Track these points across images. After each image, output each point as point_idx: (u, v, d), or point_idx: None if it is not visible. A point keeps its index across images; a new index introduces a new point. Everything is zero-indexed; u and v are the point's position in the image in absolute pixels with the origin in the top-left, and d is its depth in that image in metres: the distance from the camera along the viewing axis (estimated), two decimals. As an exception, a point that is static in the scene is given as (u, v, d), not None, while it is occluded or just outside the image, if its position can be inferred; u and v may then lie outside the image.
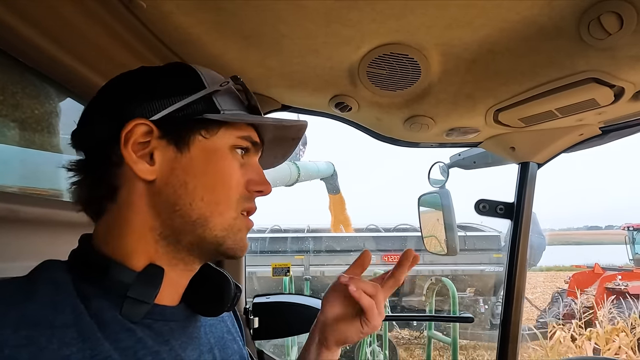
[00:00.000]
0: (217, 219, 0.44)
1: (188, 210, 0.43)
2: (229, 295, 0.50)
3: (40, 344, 0.32)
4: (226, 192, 0.45)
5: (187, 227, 0.43)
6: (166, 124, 0.43)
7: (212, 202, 0.44)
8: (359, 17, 0.62)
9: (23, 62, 0.62)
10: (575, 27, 0.60)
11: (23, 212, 0.57)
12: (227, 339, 0.54)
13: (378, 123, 1.06)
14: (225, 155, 0.45)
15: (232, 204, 0.45)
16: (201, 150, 0.44)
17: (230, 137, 0.46)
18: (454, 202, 1.32)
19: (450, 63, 0.74)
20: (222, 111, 0.45)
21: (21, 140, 0.67)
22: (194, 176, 0.43)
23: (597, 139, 1.04)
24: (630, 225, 9.75)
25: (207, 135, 0.44)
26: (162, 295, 0.44)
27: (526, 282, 1.20)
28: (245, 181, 0.47)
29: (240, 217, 0.47)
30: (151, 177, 0.42)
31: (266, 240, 7.00)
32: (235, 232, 0.46)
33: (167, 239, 0.44)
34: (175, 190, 0.43)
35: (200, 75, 0.46)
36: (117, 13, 0.62)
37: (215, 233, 0.44)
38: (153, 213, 0.43)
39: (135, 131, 0.42)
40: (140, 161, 0.42)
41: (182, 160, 0.43)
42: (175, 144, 0.43)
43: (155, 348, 0.40)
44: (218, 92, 0.46)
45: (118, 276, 0.40)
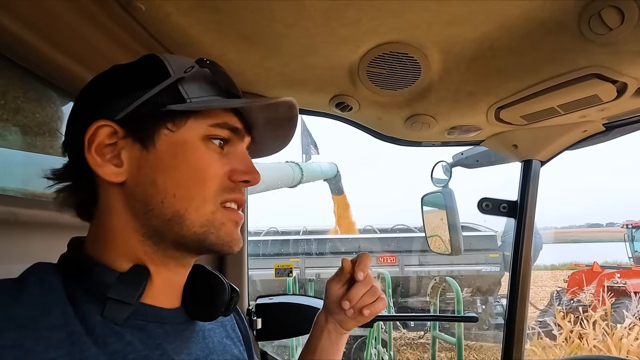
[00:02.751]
0: (193, 214, 0.42)
1: (161, 208, 0.41)
2: (223, 299, 0.49)
3: (25, 347, 0.32)
4: (200, 185, 0.42)
5: (165, 226, 0.42)
6: (130, 122, 0.41)
7: (184, 198, 0.41)
8: (358, 15, 0.62)
9: (23, 66, 0.63)
10: (576, 23, 0.60)
11: (23, 215, 0.57)
12: (227, 344, 0.53)
13: (379, 122, 1.06)
14: (196, 147, 0.42)
15: (208, 197, 0.43)
16: (168, 144, 0.42)
17: (201, 127, 0.43)
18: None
19: (450, 61, 0.73)
20: (189, 100, 0.42)
21: (23, 144, 0.67)
22: (162, 173, 0.41)
23: (600, 135, 1.03)
24: (629, 223, 9.70)
25: (174, 128, 0.42)
26: (157, 296, 0.44)
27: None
28: (227, 171, 0.44)
29: (220, 211, 0.44)
30: (120, 179, 0.41)
31: (261, 243, 7.03)
32: (218, 226, 0.43)
33: (151, 239, 0.42)
34: (146, 189, 0.41)
35: (165, 63, 0.43)
36: (117, 16, 0.63)
37: (194, 230, 0.42)
38: (131, 215, 0.42)
39: (99, 133, 0.41)
40: (105, 164, 0.41)
41: (149, 157, 0.41)
42: (140, 142, 0.41)
43: (145, 352, 0.39)
44: (184, 80, 0.43)
45: (101, 277, 0.39)
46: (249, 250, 1.22)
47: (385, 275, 5.53)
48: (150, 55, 0.45)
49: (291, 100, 0.46)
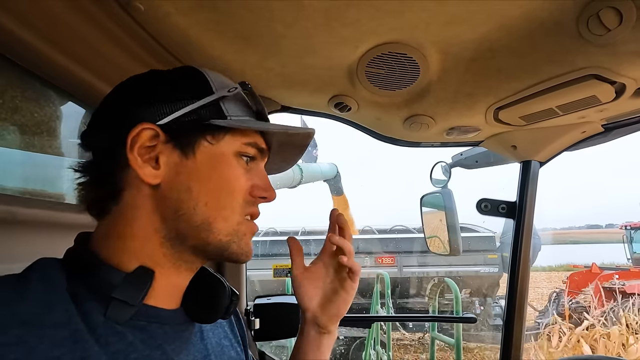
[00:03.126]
0: (221, 223, 0.44)
1: (192, 214, 0.43)
2: (223, 302, 0.50)
3: (29, 344, 0.32)
4: (230, 197, 0.45)
5: (191, 231, 0.43)
6: (173, 129, 0.43)
7: (215, 207, 0.44)
8: (357, 16, 0.62)
9: (21, 66, 0.63)
10: (575, 23, 0.60)
11: (22, 214, 0.57)
12: (225, 345, 0.54)
13: (378, 123, 1.06)
14: (230, 161, 0.46)
15: (236, 209, 0.46)
16: (206, 155, 0.44)
17: (235, 144, 0.46)
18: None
19: (449, 61, 0.74)
20: (229, 117, 0.45)
21: (21, 144, 0.67)
22: (198, 181, 0.43)
23: (599, 136, 1.04)
24: (628, 224, 9.71)
25: (213, 141, 0.45)
26: (159, 298, 0.44)
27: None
28: (249, 186, 0.47)
29: (244, 222, 0.47)
30: (156, 181, 0.43)
31: (259, 243, 7.02)
32: (240, 237, 0.46)
33: (171, 241, 0.44)
34: (180, 194, 0.43)
35: (208, 80, 0.46)
36: (116, 16, 0.62)
37: (219, 238, 0.44)
38: (158, 216, 0.43)
39: (142, 135, 0.42)
40: (145, 165, 0.42)
41: (187, 164, 0.44)
42: (180, 149, 0.44)
43: (147, 352, 0.40)
44: (225, 98, 0.46)
45: (106, 277, 0.40)
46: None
47: (384, 275, 5.53)
48: (190, 68, 0.48)
49: (312, 131, 0.51)
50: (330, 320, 0.61)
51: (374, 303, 5.56)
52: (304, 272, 0.63)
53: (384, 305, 5.42)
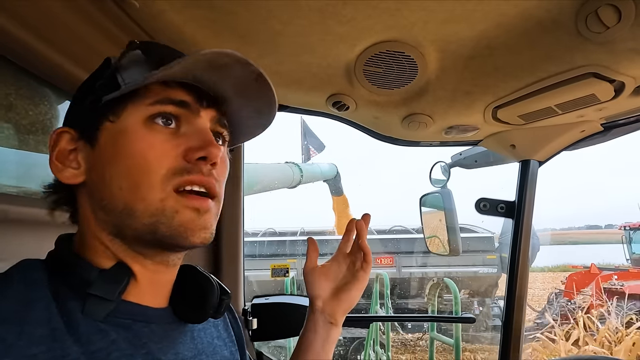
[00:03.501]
0: (140, 205, 0.39)
1: (112, 202, 0.40)
2: (212, 301, 0.48)
3: (7, 341, 0.32)
4: (144, 173, 0.39)
5: (119, 220, 0.40)
6: (81, 123, 0.43)
7: (130, 188, 0.39)
8: (354, 14, 0.61)
9: (16, 63, 0.62)
10: (573, 21, 0.59)
11: (15, 213, 0.57)
12: (217, 345, 0.52)
13: (376, 122, 1.05)
14: (136, 133, 0.40)
15: (154, 184, 0.39)
16: (109, 137, 0.41)
17: (139, 110, 0.40)
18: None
19: (447, 60, 0.73)
20: (124, 85, 0.40)
21: (15, 142, 0.67)
22: (108, 166, 0.40)
23: (599, 135, 1.03)
24: (627, 225, 9.72)
25: (114, 119, 0.41)
26: (143, 295, 0.43)
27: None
28: (182, 151, 0.41)
29: (173, 197, 0.40)
30: (77, 180, 0.42)
31: (257, 243, 7.02)
32: (170, 215, 0.39)
33: (116, 236, 0.41)
34: (98, 186, 0.41)
35: (111, 59, 0.43)
36: (111, 13, 0.62)
37: (143, 221, 0.39)
38: (95, 213, 0.42)
39: (60, 140, 0.42)
40: (65, 169, 0.42)
41: (95, 153, 0.41)
42: (88, 141, 0.42)
43: (129, 351, 0.39)
44: (121, 68, 0.41)
45: (84, 274, 0.39)
46: (245, 250, 1.21)
47: (383, 276, 5.53)
48: (107, 57, 0.45)
49: (231, 53, 0.39)
50: (340, 308, 0.63)
51: (373, 303, 5.55)
52: (317, 266, 0.66)
53: (383, 306, 5.42)
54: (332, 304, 0.63)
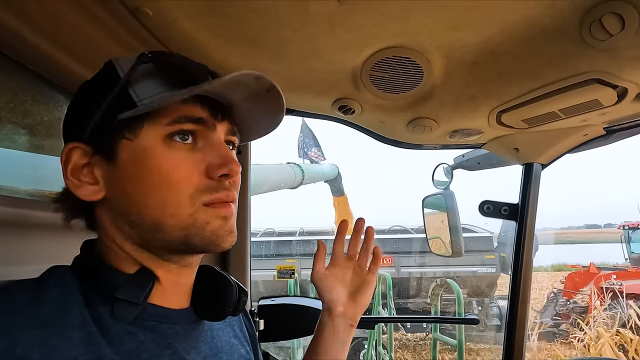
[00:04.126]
0: (170, 220, 0.40)
1: (139, 218, 0.41)
2: (231, 299, 0.50)
3: (51, 344, 0.33)
4: (171, 191, 0.40)
5: (147, 234, 0.41)
6: (95, 138, 0.41)
7: (158, 205, 0.40)
8: (362, 21, 0.63)
9: (33, 70, 0.64)
10: (577, 29, 0.60)
11: (35, 217, 0.58)
12: (234, 344, 0.54)
13: (381, 125, 1.07)
14: (157, 151, 0.40)
15: (182, 201, 0.40)
16: (129, 154, 0.40)
17: (157, 129, 0.40)
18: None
19: (452, 65, 0.74)
20: (140, 103, 0.40)
21: (31, 146, 0.68)
22: (130, 184, 0.40)
23: (601, 139, 1.04)
24: (626, 224, 9.69)
25: (132, 137, 0.40)
26: (166, 298, 0.44)
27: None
28: (203, 169, 0.41)
29: (202, 211, 0.41)
30: (98, 197, 0.42)
31: (255, 244, 7.01)
32: (201, 227, 0.41)
33: (141, 247, 0.43)
34: (121, 202, 0.41)
35: (116, 67, 0.42)
36: (124, 21, 0.64)
37: (175, 234, 0.41)
38: (118, 227, 0.43)
39: (72, 156, 0.42)
40: (82, 185, 0.42)
41: (115, 171, 0.41)
42: (105, 157, 0.41)
43: (157, 352, 0.40)
44: (133, 82, 0.40)
45: (111, 279, 0.41)
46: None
47: (386, 276, 5.53)
48: (107, 63, 0.43)
49: (251, 74, 0.40)
50: (359, 310, 0.65)
51: (376, 304, 5.56)
52: (326, 270, 0.67)
53: (385, 306, 5.42)
54: (353, 307, 0.65)
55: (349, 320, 0.65)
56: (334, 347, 0.64)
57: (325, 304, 0.66)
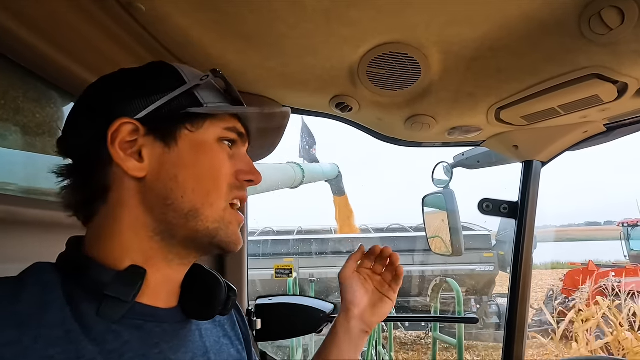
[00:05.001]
0: (208, 210, 0.45)
1: (180, 203, 0.43)
2: (220, 298, 0.50)
3: (24, 344, 0.33)
4: (215, 183, 0.46)
5: (180, 220, 0.44)
6: (151, 121, 0.44)
7: (202, 193, 0.44)
8: (358, 16, 0.62)
9: (23, 67, 0.63)
10: (576, 23, 0.59)
11: (23, 215, 0.57)
12: (224, 344, 0.53)
13: (379, 123, 1.06)
14: (212, 147, 0.46)
15: (222, 193, 0.46)
16: (189, 143, 0.45)
17: (216, 129, 0.47)
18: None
19: (450, 61, 0.73)
20: (205, 104, 0.46)
21: (23, 144, 0.68)
22: (184, 169, 0.44)
23: (602, 136, 1.03)
24: (625, 222, 9.71)
25: (193, 129, 0.45)
26: (155, 296, 0.44)
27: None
28: (234, 171, 0.48)
29: (229, 210, 0.47)
30: (141, 174, 0.43)
31: (260, 243, 7.01)
32: (227, 224, 0.46)
33: (161, 235, 0.44)
34: (166, 184, 0.43)
35: (179, 71, 0.47)
36: (117, 17, 0.63)
37: (207, 225, 0.45)
38: (145, 210, 0.43)
39: (122, 130, 0.42)
40: (129, 159, 0.43)
41: (171, 154, 0.44)
42: (162, 140, 0.44)
43: (142, 351, 0.40)
44: (199, 87, 0.47)
45: (98, 276, 0.40)
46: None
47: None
48: (160, 63, 0.49)
49: (288, 111, 0.52)
50: (377, 319, 0.68)
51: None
52: (355, 274, 0.70)
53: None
54: (371, 314, 0.67)
55: (365, 326, 0.67)
56: (348, 352, 0.65)
57: (345, 304, 0.68)
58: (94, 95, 0.46)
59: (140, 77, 0.47)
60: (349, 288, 0.68)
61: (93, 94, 0.47)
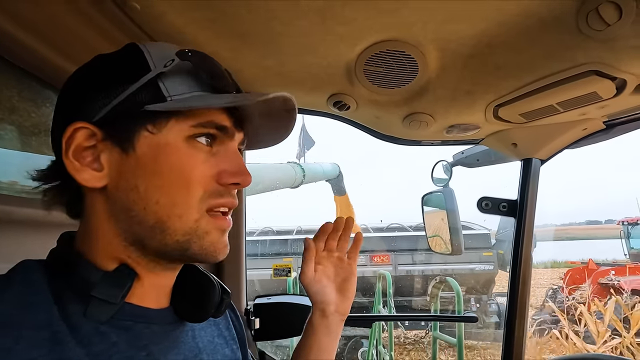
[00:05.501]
0: (176, 222, 0.39)
1: (143, 215, 0.39)
2: (213, 300, 0.48)
3: (5, 345, 0.31)
4: (183, 191, 0.39)
5: (147, 233, 0.40)
6: (109, 123, 0.39)
7: (167, 205, 0.39)
8: (354, 14, 0.62)
9: (18, 66, 0.63)
10: (574, 19, 0.59)
11: (16, 214, 0.57)
12: (218, 344, 0.52)
13: (377, 121, 1.05)
14: (179, 149, 0.39)
15: (192, 204, 0.40)
16: (149, 147, 0.39)
17: (183, 128, 0.39)
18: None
19: (447, 58, 0.73)
20: (169, 98, 0.39)
21: (18, 143, 0.67)
22: (144, 178, 0.39)
23: (601, 133, 1.03)
24: (625, 220, 9.69)
25: (154, 130, 0.39)
26: (145, 297, 0.43)
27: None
28: (215, 173, 0.41)
29: (205, 218, 0.41)
30: (100, 184, 0.39)
31: (258, 243, 7.00)
32: (201, 235, 0.41)
33: (134, 245, 0.41)
34: (127, 195, 0.39)
35: (146, 56, 0.40)
36: (112, 15, 0.62)
37: (176, 238, 0.40)
38: (113, 219, 0.40)
39: (76, 136, 0.38)
40: (84, 169, 0.39)
41: (129, 161, 0.39)
42: (119, 145, 0.39)
43: (130, 353, 0.38)
44: (165, 75, 0.39)
45: (86, 275, 0.38)
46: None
47: (386, 275, 5.52)
48: (131, 45, 0.42)
49: (284, 95, 0.41)
50: (349, 303, 0.65)
51: (376, 302, 5.55)
52: (315, 272, 0.66)
53: (385, 305, 5.41)
54: (342, 302, 0.65)
55: (341, 316, 0.66)
56: (330, 344, 0.64)
57: (317, 305, 0.65)
58: (63, 92, 0.42)
59: (104, 67, 0.41)
60: (316, 289, 0.64)
61: (64, 89, 0.42)
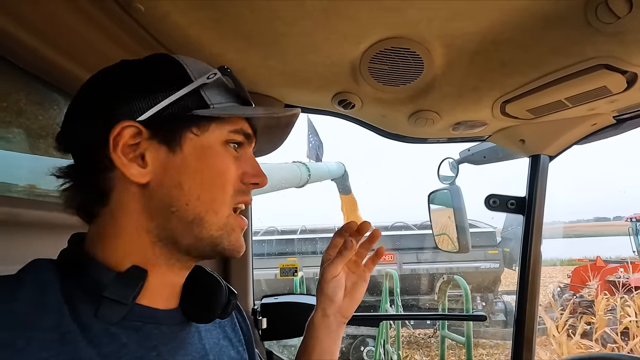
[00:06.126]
0: (213, 217, 0.43)
1: (185, 210, 0.42)
2: (220, 302, 0.49)
3: (17, 346, 0.32)
4: (220, 188, 0.44)
5: (184, 228, 0.42)
6: (155, 124, 0.42)
7: (207, 201, 0.43)
8: (358, 12, 0.61)
9: (25, 69, 0.63)
10: (583, 12, 0.58)
11: (26, 216, 0.58)
12: (224, 345, 0.53)
13: (383, 120, 1.05)
14: (218, 151, 0.44)
15: (226, 200, 0.45)
16: (194, 148, 0.43)
17: (222, 132, 0.45)
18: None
19: (453, 55, 0.72)
20: (212, 105, 0.44)
21: (26, 146, 0.68)
22: (189, 175, 0.42)
23: (611, 128, 1.01)
24: (634, 217, 9.54)
25: (199, 132, 0.43)
26: (154, 298, 0.43)
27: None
28: (240, 174, 0.46)
29: (232, 216, 0.46)
30: (144, 180, 0.41)
31: (265, 242, 7.01)
32: (229, 231, 0.45)
33: (163, 241, 0.43)
34: (170, 191, 0.42)
35: (185, 67, 0.44)
36: (117, 17, 0.63)
37: (211, 232, 0.43)
38: (148, 216, 0.42)
39: (124, 134, 0.40)
40: (131, 164, 0.41)
41: (175, 160, 0.42)
42: (166, 144, 0.42)
43: (140, 353, 0.39)
44: (206, 85, 0.44)
45: (97, 276, 0.39)
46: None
47: (392, 274, 5.50)
48: (164, 56, 0.46)
49: (298, 111, 0.50)
50: (354, 306, 0.65)
51: (384, 301, 5.54)
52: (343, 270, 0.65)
53: (392, 303, 5.40)
54: (347, 305, 0.64)
55: (343, 318, 0.64)
56: (331, 345, 0.63)
57: (321, 304, 0.63)
58: (93, 93, 0.44)
59: (143, 73, 0.44)
60: (332, 288, 0.62)
61: (92, 91, 0.44)
